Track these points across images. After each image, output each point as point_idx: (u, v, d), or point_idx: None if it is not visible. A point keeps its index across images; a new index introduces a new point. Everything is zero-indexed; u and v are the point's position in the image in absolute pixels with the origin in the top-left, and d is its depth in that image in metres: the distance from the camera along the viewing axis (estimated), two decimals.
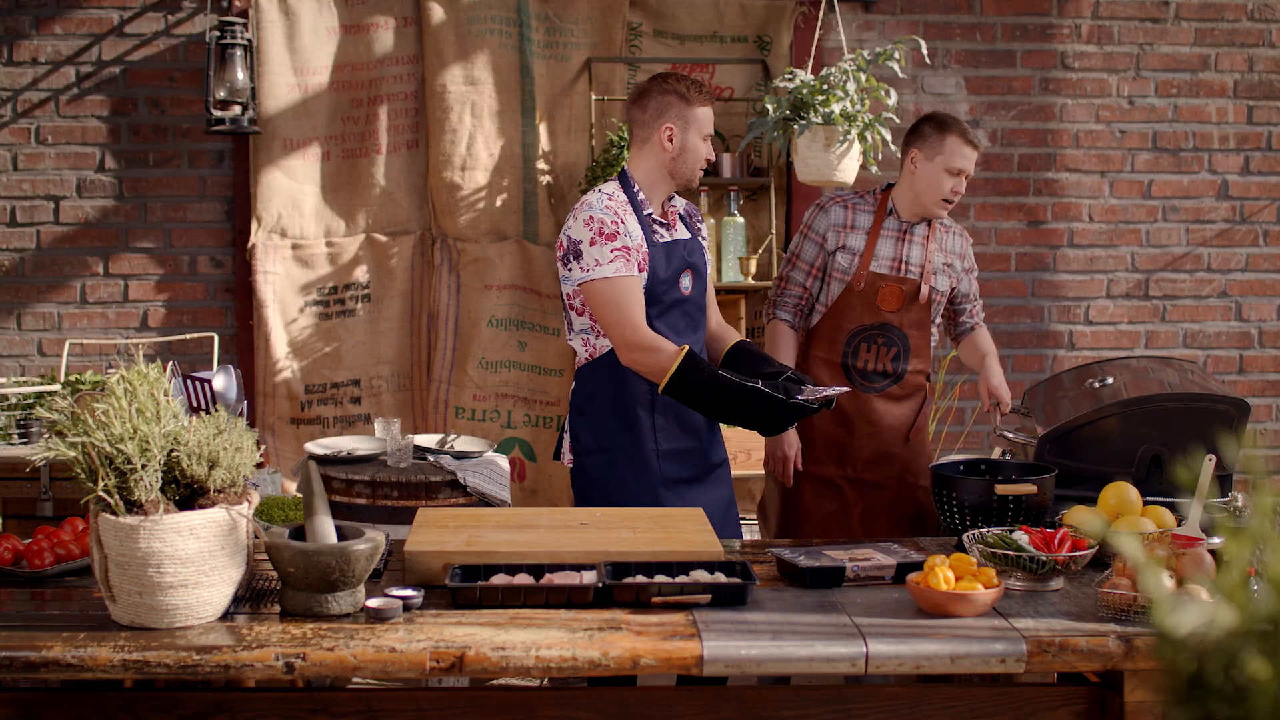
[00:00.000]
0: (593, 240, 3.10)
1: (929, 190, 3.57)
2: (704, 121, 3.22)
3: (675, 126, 3.20)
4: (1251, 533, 1.07)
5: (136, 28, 4.87)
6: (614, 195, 3.19)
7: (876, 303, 3.60)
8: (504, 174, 4.88)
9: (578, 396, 3.26)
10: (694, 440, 3.25)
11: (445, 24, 4.83)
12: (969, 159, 3.57)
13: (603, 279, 3.09)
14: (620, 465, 3.19)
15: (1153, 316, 5.19)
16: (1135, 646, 2.26)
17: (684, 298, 3.22)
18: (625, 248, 3.10)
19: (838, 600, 2.48)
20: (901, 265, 3.63)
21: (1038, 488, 2.87)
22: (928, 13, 5.03)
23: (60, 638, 2.21)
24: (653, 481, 3.17)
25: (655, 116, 3.22)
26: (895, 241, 3.64)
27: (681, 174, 3.23)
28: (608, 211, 3.12)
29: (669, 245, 3.20)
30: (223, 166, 4.93)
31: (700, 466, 3.27)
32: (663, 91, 3.21)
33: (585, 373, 3.25)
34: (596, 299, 3.11)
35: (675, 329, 3.20)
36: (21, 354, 4.92)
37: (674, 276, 3.19)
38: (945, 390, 5.05)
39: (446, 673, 2.19)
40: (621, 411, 3.18)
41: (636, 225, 3.16)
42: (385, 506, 3.63)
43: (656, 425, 3.18)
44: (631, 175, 3.25)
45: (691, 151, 3.21)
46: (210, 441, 2.34)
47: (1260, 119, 5.16)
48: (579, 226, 3.13)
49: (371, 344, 4.91)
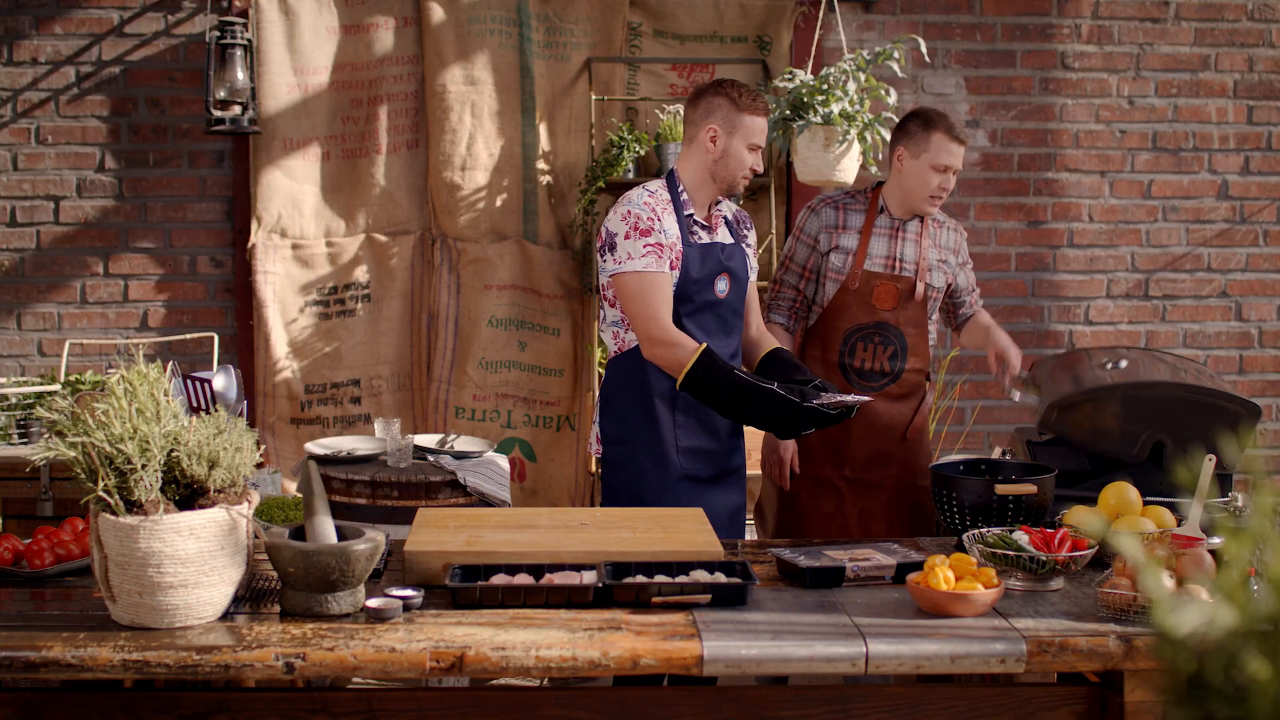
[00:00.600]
0: (627, 234, 3.15)
1: (916, 188, 3.57)
2: (751, 130, 3.22)
3: (720, 129, 3.22)
4: (1251, 533, 1.07)
5: (136, 28, 4.87)
6: (657, 193, 3.23)
7: (872, 301, 3.60)
8: (504, 174, 4.88)
9: (606, 388, 3.31)
10: (714, 441, 3.28)
11: (445, 24, 4.83)
12: (955, 155, 3.56)
13: (633, 272, 3.15)
14: (641, 456, 3.22)
15: (1153, 316, 5.19)
16: (1135, 646, 2.26)
17: (718, 300, 3.25)
18: (659, 244, 3.15)
19: (838, 600, 2.48)
20: (896, 263, 3.62)
21: (1038, 488, 2.87)
22: (928, 13, 5.03)
23: (60, 638, 2.21)
24: (671, 476, 3.21)
25: (703, 116, 3.25)
26: (889, 239, 3.63)
27: (722, 178, 3.25)
28: (646, 208, 3.17)
29: (706, 247, 3.23)
30: (223, 166, 4.93)
31: (718, 468, 3.30)
32: (715, 93, 3.24)
33: (614, 365, 3.30)
34: (625, 291, 3.16)
35: (705, 330, 3.23)
36: (21, 354, 4.92)
37: (708, 278, 3.23)
38: (945, 390, 5.05)
39: (446, 673, 2.19)
40: (644, 404, 3.22)
41: (674, 224, 3.20)
42: (385, 506, 3.63)
43: (677, 422, 3.22)
44: (679, 175, 3.29)
45: (734, 157, 3.23)
46: (210, 441, 2.34)
47: (1260, 119, 5.16)
48: (617, 220, 3.19)
49: (371, 344, 4.91)
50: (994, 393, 5.14)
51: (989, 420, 5.15)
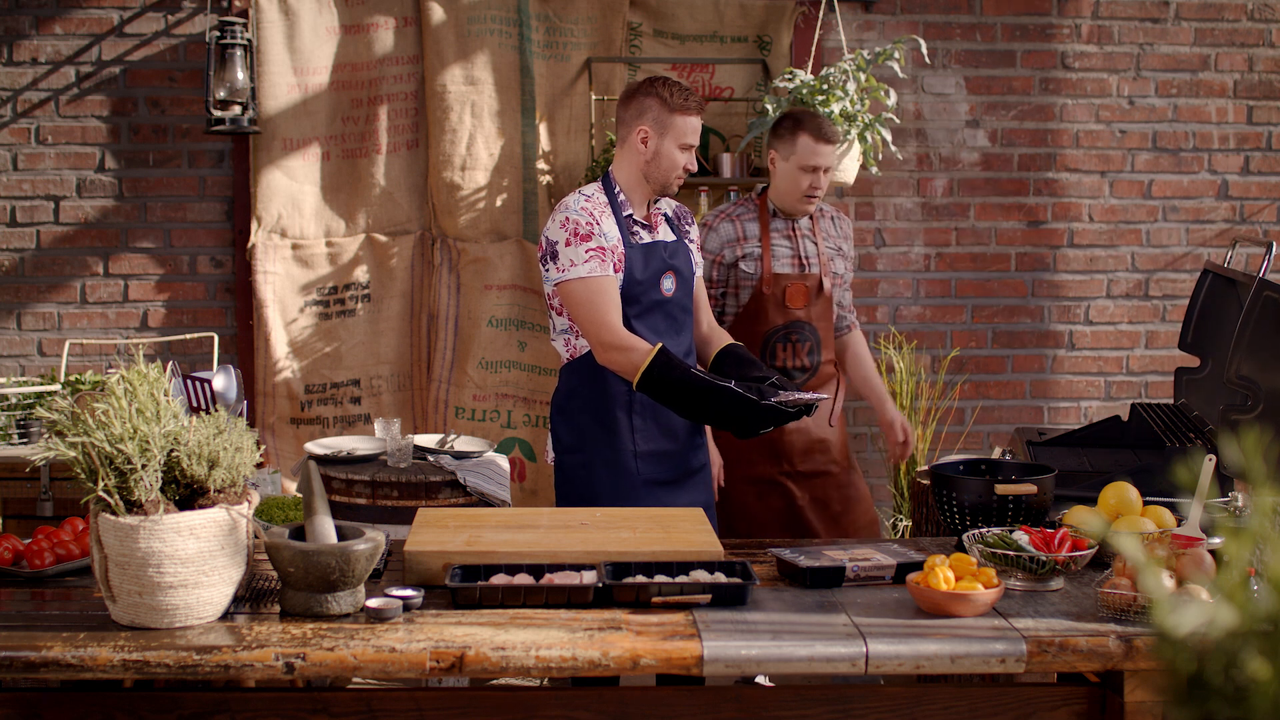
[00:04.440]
0: (568, 241, 3.11)
1: (789, 189, 3.65)
2: (683, 130, 3.17)
3: (651, 130, 3.18)
4: (1251, 533, 1.07)
5: (136, 28, 4.87)
6: (593, 196, 3.19)
7: (786, 303, 3.69)
8: (504, 174, 4.88)
9: (559, 395, 3.28)
10: (673, 443, 3.25)
11: (445, 24, 4.83)
12: (824, 155, 3.59)
13: (577, 279, 3.10)
14: (596, 464, 3.20)
15: (1153, 316, 5.19)
16: (1135, 646, 2.26)
17: (665, 299, 3.22)
18: (600, 248, 3.10)
19: (838, 600, 2.48)
20: (802, 261, 3.72)
21: (1038, 488, 2.87)
22: (928, 13, 5.03)
23: (60, 638, 2.21)
24: (630, 482, 3.18)
25: (634, 117, 3.21)
26: (788, 239, 3.73)
27: (655, 179, 3.21)
28: (583, 213, 3.13)
29: (648, 247, 3.20)
30: (223, 166, 4.93)
31: (679, 470, 3.27)
32: (646, 94, 3.19)
33: (566, 372, 3.27)
34: (572, 299, 3.13)
35: (656, 330, 3.20)
36: (21, 354, 4.92)
37: (654, 278, 3.19)
38: (945, 390, 5.06)
39: (446, 673, 2.19)
40: (600, 411, 3.19)
41: (614, 226, 3.16)
42: (385, 506, 3.63)
43: (634, 426, 3.19)
44: (614, 176, 3.25)
45: (666, 158, 3.18)
46: (210, 441, 2.34)
47: (1260, 119, 5.16)
48: (555, 227, 3.15)
49: (371, 344, 4.92)
50: (994, 392, 5.15)
51: (989, 420, 5.15)
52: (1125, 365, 5.19)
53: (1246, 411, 3.27)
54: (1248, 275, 3.53)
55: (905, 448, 3.80)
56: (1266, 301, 3.27)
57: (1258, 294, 3.29)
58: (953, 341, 5.11)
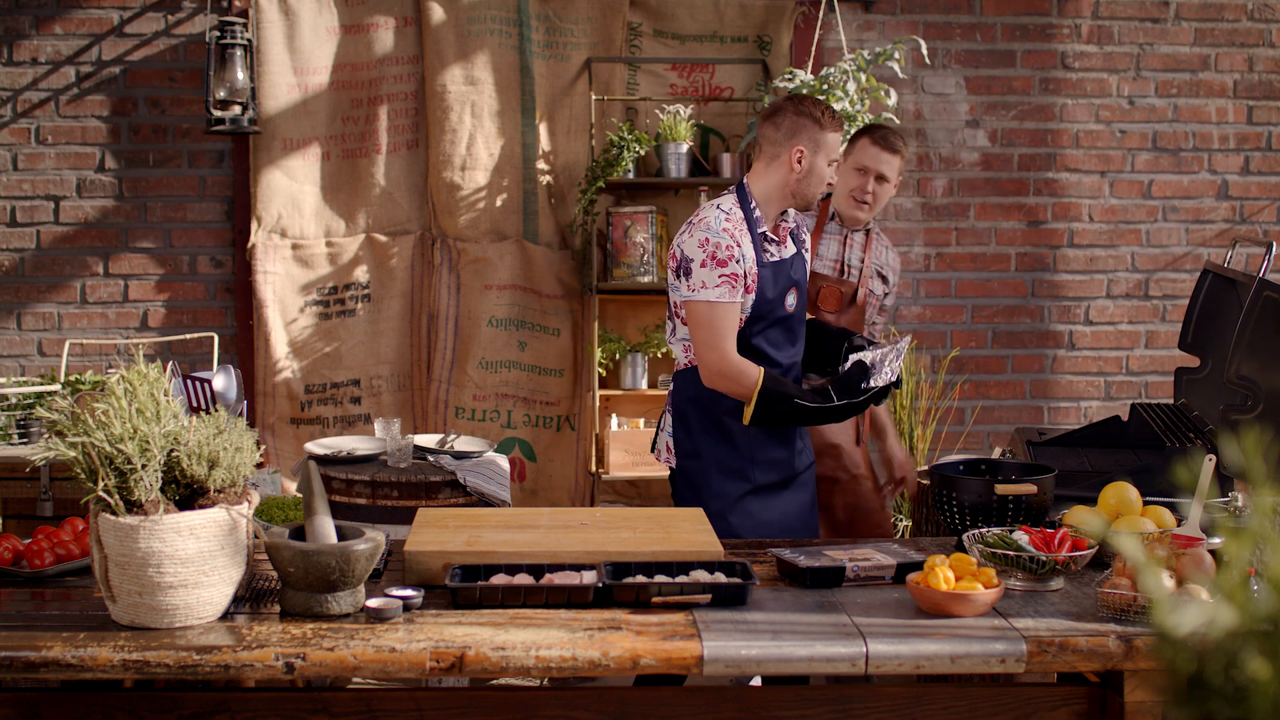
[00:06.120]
0: (704, 262, 3.15)
1: (839, 188, 3.68)
2: (833, 147, 3.26)
3: (806, 149, 3.23)
4: (1251, 533, 1.07)
5: (136, 28, 4.87)
6: (731, 213, 3.21)
7: (818, 303, 3.70)
8: (504, 174, 4.88)
9: (678, 400, 3.32)
10: (786, 449, 3.32)
11: (445, 24, 4.83)
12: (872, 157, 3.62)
13: (705, 302, 3.16)
14: (711, 470, 3.26)
15: (1153, 316, 5.19)
16: (1135, 646, 2.26)
17: (788, 315, 3.29)
18: (734, 274, 3.15)
19: (838, 600, 2.48)
20: (843, 266, 3.72)
21: (1038, 488, 2.87)
22: (928, 13, 5.03)
23: (60, 638, 2.21)
24: (744, 488, 3.25)
25: (788, 136, 3.24)
26: (838, 243, 3.74)
27: (804, 194, 3.28)
28: (725, 235, 3.16)
29: (777, 265, 3.26)
30: (223, 166, 4.93)
31: (789, 471, 3.33)
32: (799, 113, 3.25)
33: (684, 377, 3.31)
34: (695, 319, 3.19)
35: (774, 344, 3.27)
36: (21, 354, 4.93)
37: (780, 295, 3.26)
38: (945, 390, 5.06)
39: (446, 673, 2.19)
40: (716, 420, 3.25)
41: (750, 247, 3.20)
42: (385, 506, 3.63)
43: (751, 433, 3.25)
44: (750, 190, 3.28)
45: (817, 174, 3.25)
46: (210, 441, 2.34)
47: (1260, 119, 5.16)
48: (694, 244, 3.17)
49: (371, 344, 4.92)
50: (994, 392, 5.15)
51: (989, 420, 5.15)
52: (1125, 365, 5.19)
53: (1246, 411, 3.27)
54: (1248, 275, 3.53)
55: (900, 486, 3.81)
56: (1266, 301, 3.27)
57: (1258, 294, 3.29)
58: (953, 341, 5.11)
